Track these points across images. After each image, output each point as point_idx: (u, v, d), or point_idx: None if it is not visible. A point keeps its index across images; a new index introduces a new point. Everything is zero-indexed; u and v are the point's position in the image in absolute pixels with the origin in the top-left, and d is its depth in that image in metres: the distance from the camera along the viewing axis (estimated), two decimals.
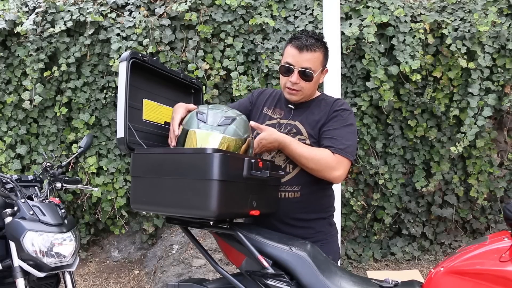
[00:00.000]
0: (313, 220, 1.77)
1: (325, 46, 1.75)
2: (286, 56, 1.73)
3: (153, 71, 1.70)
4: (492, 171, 3.73)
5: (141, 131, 1.61)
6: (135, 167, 1.51)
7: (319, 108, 1.76)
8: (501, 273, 1.22)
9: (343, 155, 1.65)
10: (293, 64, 1.69)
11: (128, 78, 1.53)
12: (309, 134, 1.72)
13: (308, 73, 1.69)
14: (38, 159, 3.81)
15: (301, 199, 1.74)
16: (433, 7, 3.80)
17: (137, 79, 1.61)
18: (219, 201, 1.32)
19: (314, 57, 1.69)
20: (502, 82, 3.58)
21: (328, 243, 1.77)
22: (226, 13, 3.73)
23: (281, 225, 1.72)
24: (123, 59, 1.54)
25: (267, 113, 1.85)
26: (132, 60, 1.56)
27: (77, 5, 3.77)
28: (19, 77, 3.82)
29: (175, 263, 3.43)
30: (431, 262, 3.81)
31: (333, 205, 1.88)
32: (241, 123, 1.54)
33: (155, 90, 1.75)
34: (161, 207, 1.46)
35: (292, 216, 1.75)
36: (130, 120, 1.54)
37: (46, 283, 2.06)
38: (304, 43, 1.67)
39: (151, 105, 1.71)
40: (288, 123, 1.77)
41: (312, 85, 1.73)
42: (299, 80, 1.70)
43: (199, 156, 1.36)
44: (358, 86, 3.72)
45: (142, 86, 1.67)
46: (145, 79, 1.68)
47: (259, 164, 1.47)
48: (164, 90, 1.80)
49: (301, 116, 1.77)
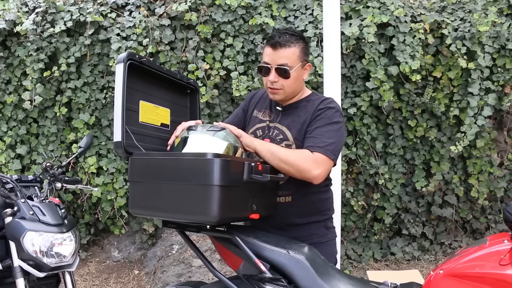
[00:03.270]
0: (307, 224, 1.73)
1: (302, 40, 1.70)
2: (263, 56, 1.70)
3: (149, 72, 1.67)
4: (492, 171, 3.73)
5: (137, 133, 1.58)
6: (133, 171, 1.50)
7: (305, 109, 1.72)
8: (501, 277, 1.21)
9: (323, 153, 1.57)
10: (269, 63, 1.66)
11: (125, 80, 1.50)
12: (295, 139, 1.69)
13: (284, 69, 1.64)
14: (38, 159, 3.81)
15: (293, 204, 1.71)
16: (433, 7, 3.79)
17: (134, 80, 1.58)
18: (220, 207, 1.31)
19: (289, 53, 1.65)
20: (502, 82, 3.58)
21: (322, 246, 1.70)
22: (226, 13, 3.73)
23: (274, 230, 1.68)
24: (120, 60, 1.51)
25: (257, 116, 1.84)
26: (129, 61, 1.53)
27: (77, 5, 3.77)
28: (19, 77, 3.82)
29: (175, 263, 3.44)
30: (431, 262, 3.81)
31: (331, 208, 1.82)
32: (230, 133, 1.56)
33: (152, 91, 1.72)
34: (160, 212, 1.45)
35: (286, 221, 1.72)
36: (127, 122, 1.51)
37: (46, 283, 2.06)
38: (277, 40, 1.64)
39: (148, 107, 1.69)
40: (276, 127, 1.75)
41: (293, 81, 1.68)
42: (277, 78, 1.66)
43: (200, 161, 1.35)
44: (358, 86, 3.72)
45: (138, 87, 1.64)
46: (142, 80, 1.66)
47: (259, 167, 1.46)
48: (161, 91, 1.78)
49: (288, 119, 1.74)
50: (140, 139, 1.58)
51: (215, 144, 1.49)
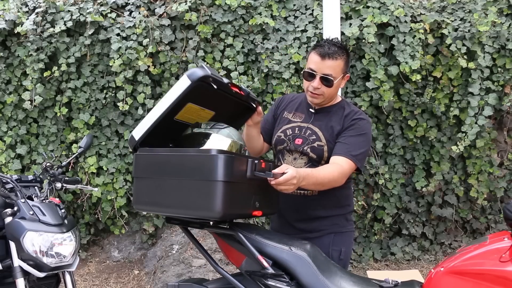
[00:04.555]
0: (330, 217, 1.86)
1: (347, 54, 1.83)
2: (310, 62, 1.81)
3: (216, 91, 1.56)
4: (492, 171, 3.73)
5: (159, 127, 1.54)
6: (138, 167, 1.51)
7: (338, 115, 1.85)
8: (501, 273, 1.22)
9: (354, 161, 1.73)
10: (316, 70, 1.77)
11: (181, 96, 1.46)
12: (327, 141, 1.81)
13: (329, 79, 1.76)
14: (38, 159, 3.81)
15: (319, 198, 1.83)
16: (433, 7, 3.80)
17: (194, 91, 1.49)
18: (224, 202, 1.32)
19: (335, 65, 1.76)
20: (502, 82, 3.58)
21: (342, 234, 1.86)
22: (226, 13, 3.73)
23: (298, 223, 1.83)
24: (191, 78, 1.45)
25: (287, 117, 1.94)
26: (199, 83, 1.45)
27: (77, 5, 3.77)
28: (19, 77, 3.82)
29: (175, 263, 3.43)
30: (431, 262, 3.82)
31: (351, 204, 1.96)
32: (233, 130, 1.57)
33: (208, 100, 1.63)
34: (164, 207, 1.46)
35: (311, 214, 1.83)
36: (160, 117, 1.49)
37: (46, 283, 2.06)
38: (326, 51, 1.75)
39: (193, 108, 1.62)
40: (309, 127, 1.86)
41: (333, 90, 1.81)
42: (321, 86, 1.78)
43: (204, 157, 1.36)
44: (358, 86, 3.72)
45: (195, 97, 1.56)
46: (204, 91, 1.54)
47: (262, 165, 1.47)
48: (221, 102, 1.67)
49: (321, 121, 1.86)
50: (158, 132, 1.55)
51: (219, 141, 1.50)
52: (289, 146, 1.86)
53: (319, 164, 1.80)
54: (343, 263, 1.84)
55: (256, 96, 1.93)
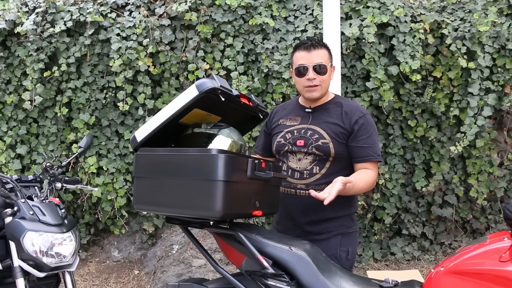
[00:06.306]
0: (337, 218, 1.88)
1: (327, 47, 1.90)
2: (297, 60, 1.85)
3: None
4: (492, 171, 3.73)
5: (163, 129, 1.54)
6: (138, 167, 1.51)
7: (336, 111, 1.88)
8: (501, 273, 1.22)
9: (378, 159, 1.86)
10: (306, 63, 1.83)
11: (188, 105, 1.45)
12: (331, 137, 1.83)
13: (321, 65, 1.82)
14: (38, 159, 3.81)
15: None
16: (433, 7, 3.80)
17: (202, 99, 1.48)
18: (224, 202, 1.32)
19: (322, 53, 1.84)
20: (502, 82, 3.58)
21: (349, 235, 1.89)
22: (226, 13, 3.73)
23: (308, 226, 1.86)
24: (198, 88, 1.45)
25: (283, 123, 1.96)
26: (206, 94, 1.45)
27: (77, 5, 3.77)
28: (19, 77, 3.82)
29: (175, 263, 3.43)
30: (431, 262, 3.81)
31: (355, 204, 1.98)
32: (234, 130, 1.57)
33: (215, 106, 1.60)
34: (165, 207, 1.46)
35: (321, 215, 1.85)
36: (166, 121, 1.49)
37: (46, 283, 2.06)
38: (310, 43, 1.84)
39: (199, 113, 1.61)
40: (309, 128, 1.87)
41: (327, 78, 1.86)
42: (315, 75, 1.82)
43: (204, 157, 1.36)
44: (358, 86, 3.72)
45: (202, 104, 1.54)
46: (212, 99, 1.52)
47: (262, 164, 1.48)
48: (226, 109, 1.65)
49: (319, 120, 1.88)
50: (160, 133, 1.55)
51: (219, 140, 1.51)
52: (292, 149, 1.87)
53: (327, 161, 1.82)
54: (350, 263, 1.87)
55: (265, 107, 1.93)
